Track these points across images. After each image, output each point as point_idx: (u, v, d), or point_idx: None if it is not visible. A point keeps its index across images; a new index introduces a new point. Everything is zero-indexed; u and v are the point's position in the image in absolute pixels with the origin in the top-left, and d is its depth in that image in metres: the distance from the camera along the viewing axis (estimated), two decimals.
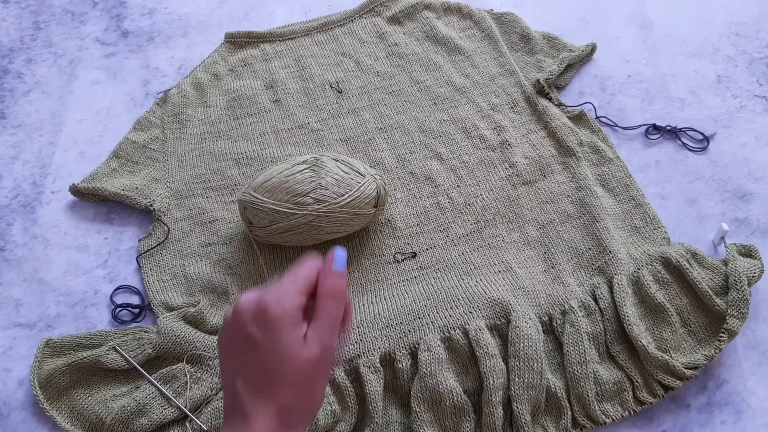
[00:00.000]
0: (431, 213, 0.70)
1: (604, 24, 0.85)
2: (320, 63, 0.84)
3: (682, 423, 0.57)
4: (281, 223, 0.62)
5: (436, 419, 0.56)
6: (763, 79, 0.79)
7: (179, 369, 0.60)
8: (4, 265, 0.70)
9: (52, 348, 0.62)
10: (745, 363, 0.60)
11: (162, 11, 0.92)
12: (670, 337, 0.58)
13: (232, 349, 0.42)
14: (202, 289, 0.66)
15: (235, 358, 0.42)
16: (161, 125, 0.79)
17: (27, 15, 0.93)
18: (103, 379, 0.60)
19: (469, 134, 0.75)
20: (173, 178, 0.75)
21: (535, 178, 0.71)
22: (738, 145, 0.73)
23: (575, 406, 0.57)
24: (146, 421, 0.57)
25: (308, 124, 0.78)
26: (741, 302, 0.57)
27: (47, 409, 0.59)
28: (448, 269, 0.66)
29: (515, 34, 0.84)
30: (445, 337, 0.59)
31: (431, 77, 0.81)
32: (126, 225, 0.73)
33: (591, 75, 0.81)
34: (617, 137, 0.75)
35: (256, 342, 0.40)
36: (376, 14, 0.88)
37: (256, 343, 0.40)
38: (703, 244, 0.66)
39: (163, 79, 0.85)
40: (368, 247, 0.68)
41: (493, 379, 0.56)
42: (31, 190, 0.76)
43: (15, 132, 0.81)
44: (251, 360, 0.41)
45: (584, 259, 0.65)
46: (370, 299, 0.65)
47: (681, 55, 0.81)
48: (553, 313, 0.61)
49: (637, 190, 0.69)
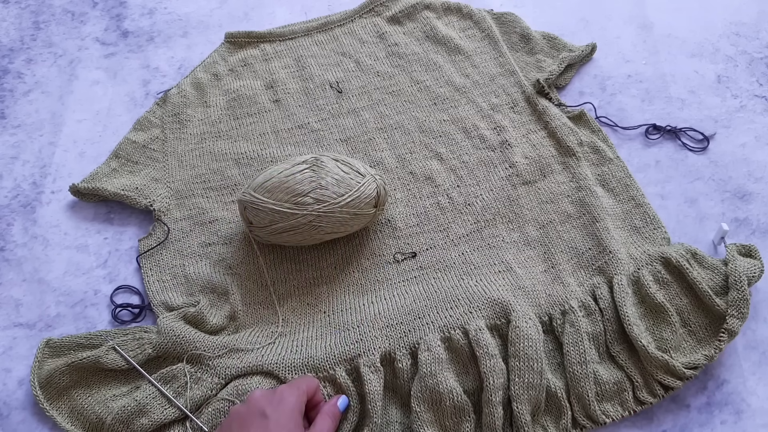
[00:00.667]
0: (431, 213, 0.70)
1: (604, 24, 0.85)
2: (320, 63, 0.84)
3: (682, 423, 0.57)
4: (281, 223, 0.62)
5: (436, 419, 0.56)
6: (763, 79, 0.79)
7: (179, 369, 0.60)
8: (4, 265, 0.70)
9: (52, 348, 0.62)
10: (745, 363, 0.60)
11: (162, 11, 0.92)
12: (670, 337, 0.58)
13: (241, 422, 0.50)
14: (202, 289, 0.66)
15: (241, 428, 0.49)
16: (161, 125, 0.79)
17: (27, 15, 0.93)
18: (104, 379, 0.60)
19: (469, 134, 0.75)
20: (173, 178, 0.75)
21: (535, 178, 0.71)
22: (738, 145, 0.73)
23: (575, 406, 0.57)
24: (146, 421, 0.57)
25: (308, 124, 0.78)
26: (741, 302, 0.57)
27: (47, 409, 0.59)
28: (448, 269, 0.66)
29: (515, 34, 0.84)
30: (445, 337, 0.59)
31: (431, 77, 0.81)
32: (126, 225, 0.73)
33: (591, 75, 0.81)
34: (617, 137, 0.75)
35: (266, 414, 0.49)
36: (376, 14, 0.88)
37: (265, 415, 0.49)
38: (703, 244, 0.66)
39: (163, 79, 0.85)
40: (368, 247, 0.68)
41: (493, 379, 0.56)
42: (31, 190, 0.76)
43: (15, 132, 0.81)
44: (255, 429, 0.49)
45: (584, 259, 0.65)
46: (370, 299, 0.65)
47: (681, 55, 0.81)
48: (553, 313, 0.61)
49: (637, 190, 0.69)
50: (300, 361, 0.60)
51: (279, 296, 0.66)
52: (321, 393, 0.57)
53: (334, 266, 0.68)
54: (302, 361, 0.60)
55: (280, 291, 0.67)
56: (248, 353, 0.61)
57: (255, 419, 0.49)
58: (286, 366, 0.59)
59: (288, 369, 0.59)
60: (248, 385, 0.58)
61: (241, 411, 0.51)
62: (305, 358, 0.60)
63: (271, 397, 0.51)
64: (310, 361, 0.59)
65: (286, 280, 0.67)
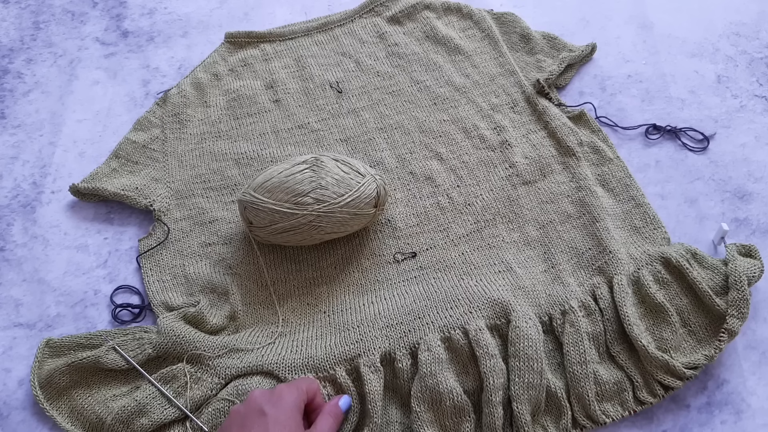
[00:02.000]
0: (431, 213, 0.70)
1: (604, 24, 0.85)
2: (320, 63, 0.84)
3: (682, 423, 0.57)
4: (281, 223, 0.62)
5: (436, 419, 0.56)
6: (763, 79, 0.79)
7: (179, 369, 0.60)
8: (4, 265, 0.70)
9: (52, 348, 0.62)
10: (745, 363, 0.60)
11: (162, 11, 0.92)
12: (670, 337, 0.58)
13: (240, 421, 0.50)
14: (202, 289, 0.66)
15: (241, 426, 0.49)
16: (161, 125, 0.79)
17: (27, 15, 0.93)
18: (104, 379, 0.60)
19: (469, 134, 0.75)
20: (173, 178, 0.75)
21: (535, 178, 0.71)
22: (738, 145, 0.73)
23: (575, 406, 0.57)
24: (147, 421, 0.57)
25: (308, 124, 0.78)
26: (741, 302, 0.57)
27: (47, 409, 0.59)
28: (448, 269, 0.66)
29: (515, 34, 0.84)
30: (445, 337, 0.59)
31: (431, 77, 0.81)
32: (126, 225, 0.73)
33: (591, 75, 0.81)
34: (617, 137, 0.75)
35: (265, 413, 0.49)
36: (376, 14, 0.88)
37: (264, 414, 0.49)
38: (703, 244, 0.66)
39: (163, 79, 0.85)
40: (368, 247, 0.68)
41: (493, 379, 0.56)
42: (31, 190, 0.76)
43: (15, 132, 0.81)
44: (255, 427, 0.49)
45: (584, 259, 0.65)
46: (370, 299, 0.65)
47: (681, 55, 0.81)
48: (553, 313, 0.61)
49: (637, 190, 0.69)
50: (300, 361, 0.60)
51: (279, 296, 0.66)
52: (321, 395, 0.57)
53: (334, 266, 0.68)
54: (302, 361, 0.60)
55: (280, 291, 0.67)
56: (248, 353, 0.61)
57: (254, 418, 0.49)
58: (286, 366, 0.59)
59: (288, 369, 0.59)
60: (248, 385, 0.58)
61: (241, 410, 0.51)
62: (305, 358, 0.60)
63: (270, 395, 0.51)
64: (310, 361, 0.59)
65: (286, 280, 0.67)
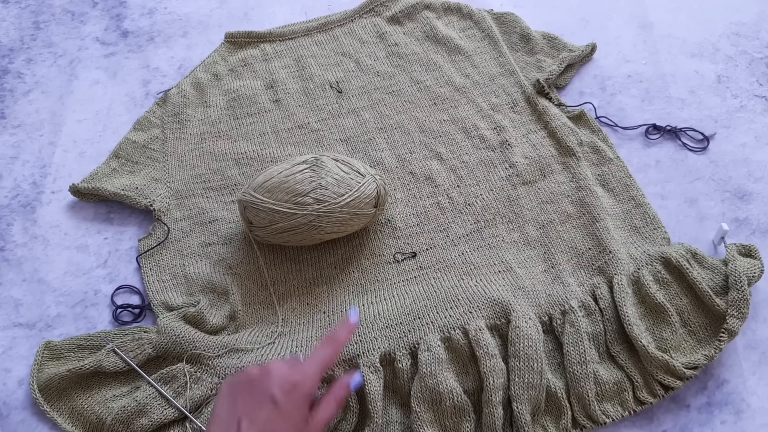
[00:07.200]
0: (431, 213, 0.70)
1: (604, 24, 0.85)
2: (320, 63, 0.84)
3: (682, 423, 0.57)
4: (281, 223, 0.62)
5: (436, 419, 0.56)
6: (763, 79, 0.79)
7: (179, 369, 0.60)
8: (4, 265, 0.70)
9: (51, 351, 0.62)
10: (745, 363, 0.60)
11: (162, 11, 0.92)
12: (670, 337, 0.58)
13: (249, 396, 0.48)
14: (202, 289, 0.66)
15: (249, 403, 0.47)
16: (161, 125, 0.79)
17: (27, 15, 0.93)
18: (103, 380, 0.60)
19: (469, 134, 0.75)
20: (173, 178, 0.75)
21: (535, 178, 0.71)
22: (738, 145, 0.73)
23: (575, 406, 0.57)
24: (146, 422, 0.57)
25: (308, 124, 0.78)
26: (741, 302, 0.57)
27: (47, 410, 0.59)
28: (448, 269, 0.66)
29: (515, 34, 0.84)
30: (445, 337, 0.59)
31: (431, 77, 0.81)
32: (126, 225, 0.73)
33: (591, 75, 0.81)
34: (617, 137, 0.75)
35: (276, 401, 0.47)
36: (376, 14, 0.88)
37: (275, 402, 0.47)
38: (703, 244, 0.66)
39: (163, 79, 0.85)
40: (368, 247, 0.68)
41: (493, 379, 0.56)
42: (31, 190, 0.76)
43: (15, 132, 0.81)
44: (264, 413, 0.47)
45: (584, 259, 0.65)
46: (370, 299, 0.65)
47: (681, 55, 0.81)
48: (553, 313, 0.61)
49: (637, 190, 0.69)
50: None
51: (279, 296, 0.66)
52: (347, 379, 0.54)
53: (334, 266, 0.68)
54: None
55: (280, 291, 0.67)
56: (248, 353, 0.61)
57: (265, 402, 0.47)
58: None
59: None
60: None
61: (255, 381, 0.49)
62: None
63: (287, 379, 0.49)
64: None
65: (286, 280, 0.67)
